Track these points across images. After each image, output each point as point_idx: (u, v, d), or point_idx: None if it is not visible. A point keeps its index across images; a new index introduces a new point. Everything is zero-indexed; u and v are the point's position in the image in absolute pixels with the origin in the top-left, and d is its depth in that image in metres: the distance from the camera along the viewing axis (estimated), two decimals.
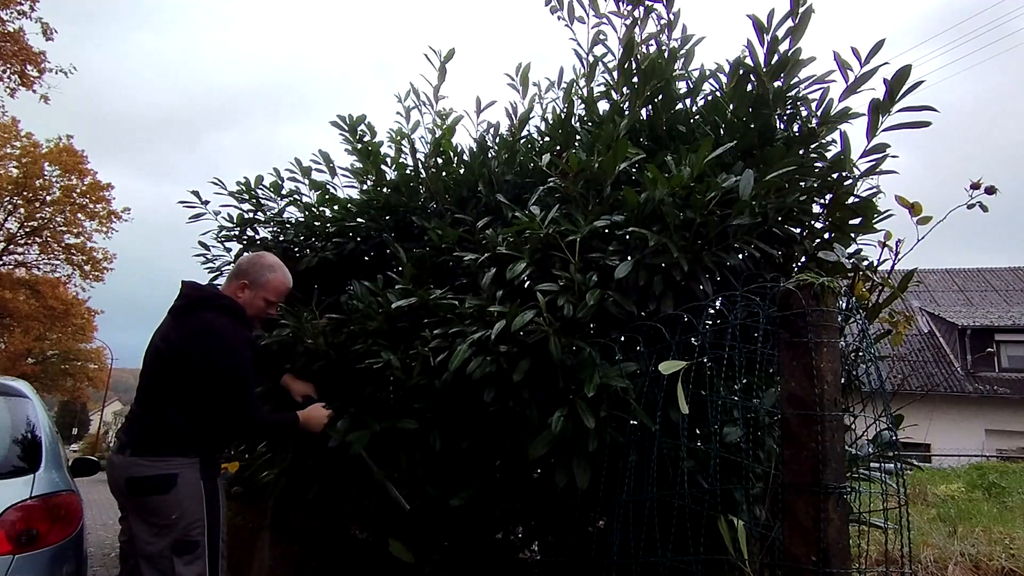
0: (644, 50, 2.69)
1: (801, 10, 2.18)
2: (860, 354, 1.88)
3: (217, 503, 2.14)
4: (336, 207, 3.31)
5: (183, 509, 2.04)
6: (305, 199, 3.50)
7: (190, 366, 2.11)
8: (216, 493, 2.14)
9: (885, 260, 2.23)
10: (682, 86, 2.63)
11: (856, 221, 2.24)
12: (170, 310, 2.26)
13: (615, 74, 2.72)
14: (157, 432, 2.10)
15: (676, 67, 2.56)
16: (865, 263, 2.28)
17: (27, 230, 21.72)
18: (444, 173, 3.03)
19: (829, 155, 2.25)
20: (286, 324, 2.71)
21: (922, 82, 1.97)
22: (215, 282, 3.41)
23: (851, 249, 2.29)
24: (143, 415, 2.15)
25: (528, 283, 2.22)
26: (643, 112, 2.54)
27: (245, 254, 2.33)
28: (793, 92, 2.27)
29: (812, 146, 2.25)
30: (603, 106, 2.75)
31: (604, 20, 2.84)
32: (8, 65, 14.51)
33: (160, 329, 2.26)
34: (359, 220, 3.19)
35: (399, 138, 3.30)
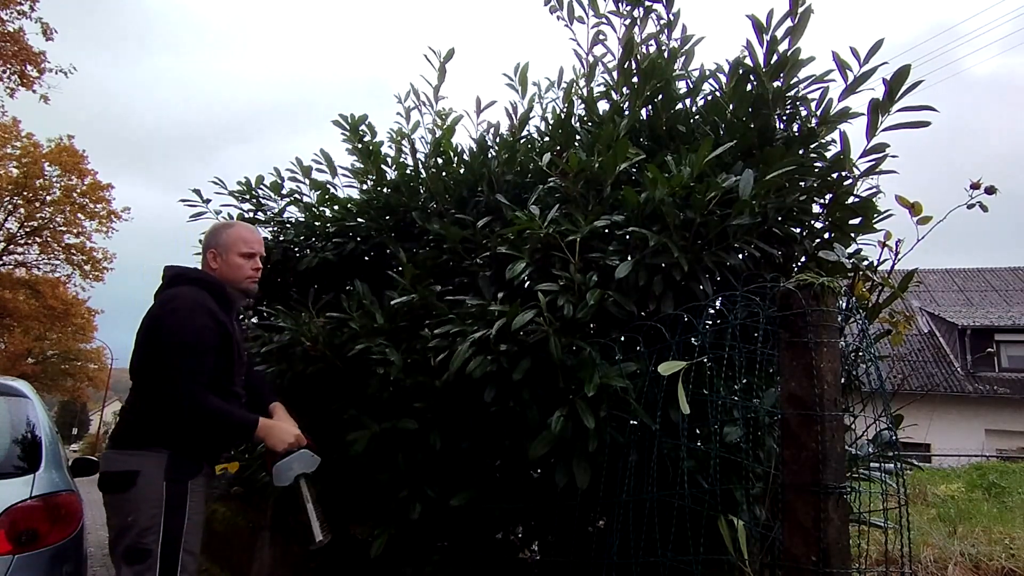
0: (644, 50, 2.69)
1: (800, 10, 2.18)
2: (860, 354, 1.88)
3: (183, 509, 1.88)
4: (336, 207, 3.31)
5: (139, 512, 1.84)
6: (305, 199, 3.50)
7: (150, 342, 1.99)
8: (183, 498, 1.89)
9: (885, 260, 2.23)
10: (682, 86, 2.63)
11: (856, 221, 2.24)
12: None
13: (615, 74, 2.72)
14: (127, 423, 2.00)
15: (676, 67, 2.56)
16: (865, 263, 2.28)
17: (27, 230, 21.71)
18: (444, 173, 3.02)
19: (829, 155, 2.25)
20: (284, 327, 2.71)
21: (921, 81, 1.97)
22: None
23: (851, 249, 2.28)
24: (124, 408, 2.09)
25: (528, 283, 2.22)
26: (643, 112, 2.54)
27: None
28: (793, 92, 2.27)
29: (812, 146, 2.25)
30: (603, 106, 2.75)
31: (604, 20, 2.83)
32: (8, 65, 14.51)
33: None
34: (359, 220, 3.18)
35: (399, 138, 3.30)
